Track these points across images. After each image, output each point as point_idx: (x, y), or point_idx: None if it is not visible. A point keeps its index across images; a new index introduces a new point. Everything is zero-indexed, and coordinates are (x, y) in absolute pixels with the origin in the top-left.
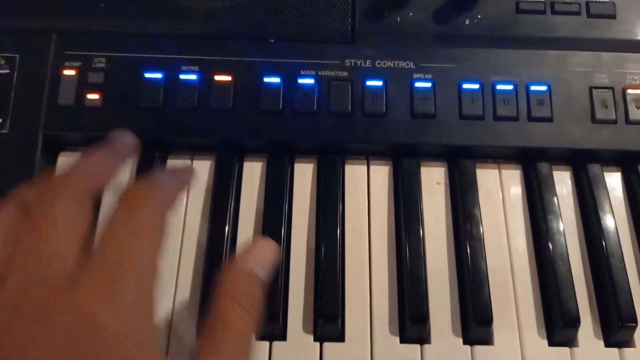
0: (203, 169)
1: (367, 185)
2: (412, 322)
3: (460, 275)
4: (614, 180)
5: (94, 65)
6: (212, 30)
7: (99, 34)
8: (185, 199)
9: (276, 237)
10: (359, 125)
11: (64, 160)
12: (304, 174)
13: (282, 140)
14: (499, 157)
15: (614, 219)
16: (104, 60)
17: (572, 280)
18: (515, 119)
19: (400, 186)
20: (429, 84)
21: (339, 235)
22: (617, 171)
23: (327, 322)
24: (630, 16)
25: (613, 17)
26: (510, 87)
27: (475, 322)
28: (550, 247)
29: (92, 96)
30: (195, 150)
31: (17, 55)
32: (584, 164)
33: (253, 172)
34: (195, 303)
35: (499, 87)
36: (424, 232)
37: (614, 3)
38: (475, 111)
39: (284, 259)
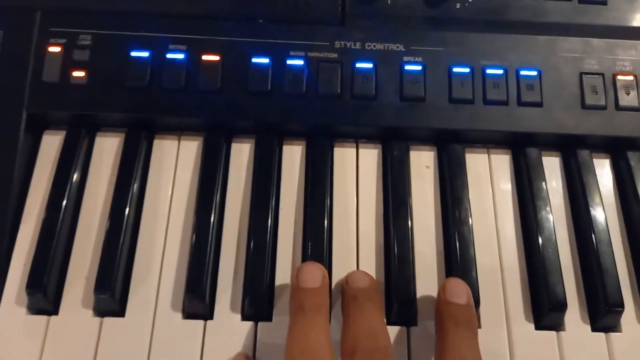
0: (191, 149)
1: (356, 168)
2: (398, 305)
3: (448, 259)
4: (603, 167)
5: (79, 43)
6: (200, 9)
7: (85, 11)
8: (172, 177)
9: (263, 219)
10: (347, 108)
11: (49, 138)
12: (292, 156)
13: (271, 122)
14: (489, 141)
15: (603, 205)
16: (89, 37)
17: (560, 265)
18: (505, 103)
19: (389, 170)
20: (419, 67)
21: (327, 218)
22: (607, 157)
23: None
24: (621, 2)
25: (604, 3)
26: (500, 71)
27: None
28: (538, 232)
29: (78, 73)
30: (183, 130)
31: (1, 32)
32: (573, 150)
33: (241, 153)
34: (180, 279)
35: (489, 71)
36: (412, 216)
37: None
38: (465, 95)
39: (272, 241)
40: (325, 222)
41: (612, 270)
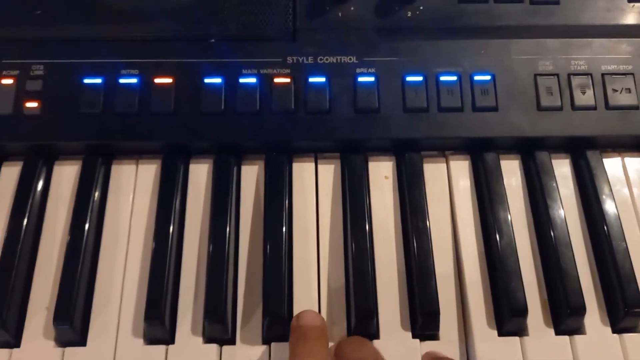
0: (149, 172)
1: (316, 183)
2: (358, 318)
3: (408, 270)
4: (563, 167)
5: (32, 73)
6: (151, 32)
7: (37, 41)
8: (131, 202)
9: (222, 241)
10: (302, 123)
11: (8, 170)
12: (252, 174)
13: (226, 142)
14: (447, 148)
15: (562, 207)
16: (42, 67)
17: (520, 270)
18: (459, 109)
19: (347, 182)
20: (372, 78)
21: (285, 236)
22: (567, 157)
23: (273, 323)
24: (574, 1)
25: (556, 2)
26: (454, 78)
27: (423, 316)
28: (498, 238)
29: (31, 104)
30: (141, 154)
31: None
32: (532, 152)
33: (200, 174)
34: (141, 304)
35: (443, 78)
36: (371, 228)
37: None
38: (420, 104)
39: (232, 262)
40: (284, 240)
41: (572, 273)
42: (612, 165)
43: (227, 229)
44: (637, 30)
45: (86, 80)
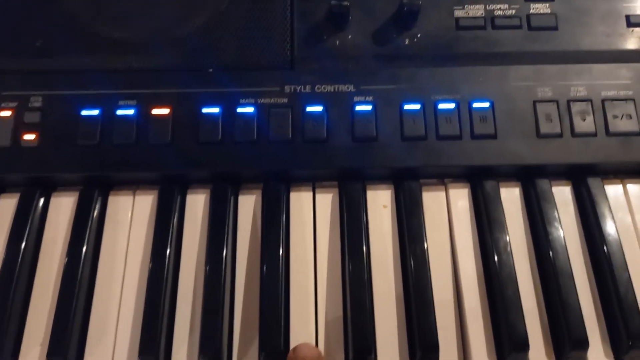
0: (146, 203)
1: (313, 212)
2: (356, 354)
3: (407, 300)
4: (564, 194)
5: (30, 105)
6: (148, 63)
7: (36, 73)
8: (128, 233)
9: (217, 272)
10: (300, 152)
11: (5, 202)
12: (249, 203)
13: (223, 172)
14: (445, 176)
15: (563, 235)
16: (40, 99)
17: (520, 302)
18: (458, 137)
19: (345, 211)
20: (369, 107)
21: (282, 266)
22: (568, 184)
23: (270, 357)
24: (573, 27)
25: (555, 28)
26: (452, 105)
27: (422, 349)
28: (498, 267)
29: (29, 136)
30: (138, 185)
31: None
32: (532, 180)
33: (197, 204)
34: (136, 338)
35: (441, 106)
36: (369, 258)
37: (555, 15)
38: (418, 132)
39: (228, 294)
40: (281, 269)
41: (574, 304)
42: (614, 191)
43: (224, 263)
44: (637, 55)
45: (84, 112)
